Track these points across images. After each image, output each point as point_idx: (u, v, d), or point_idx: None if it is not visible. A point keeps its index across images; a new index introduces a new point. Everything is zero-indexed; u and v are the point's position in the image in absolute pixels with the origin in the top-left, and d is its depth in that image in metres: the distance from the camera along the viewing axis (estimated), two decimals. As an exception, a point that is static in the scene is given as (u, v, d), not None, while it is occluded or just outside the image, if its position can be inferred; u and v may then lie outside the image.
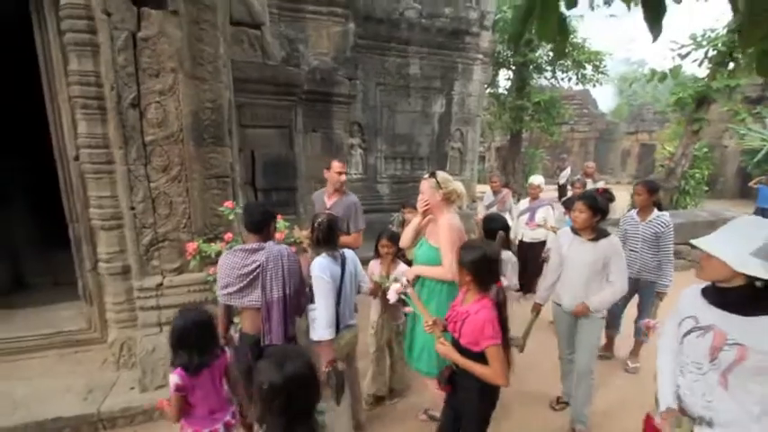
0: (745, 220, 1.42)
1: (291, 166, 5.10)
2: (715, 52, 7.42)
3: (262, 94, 4.57)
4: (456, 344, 1.85)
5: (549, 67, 11.75)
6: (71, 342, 3.13)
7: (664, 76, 7.63)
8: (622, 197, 7.23)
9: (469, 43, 7.09)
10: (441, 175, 2.34)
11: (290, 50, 4.79)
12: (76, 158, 2.79)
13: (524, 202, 4.98)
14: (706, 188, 9.78)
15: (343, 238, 2.66)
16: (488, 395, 1.85)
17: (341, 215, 3.02)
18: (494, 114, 13.18)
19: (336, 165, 3.27)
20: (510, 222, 4.57)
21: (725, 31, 7.24)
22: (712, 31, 7.53)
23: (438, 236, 2.32)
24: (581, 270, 2.51)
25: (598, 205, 2.42)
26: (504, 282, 2.69)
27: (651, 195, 3.26)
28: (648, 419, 1.99)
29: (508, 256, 2.81)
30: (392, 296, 2.23)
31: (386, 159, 7.17)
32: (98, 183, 2.69)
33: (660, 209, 3.35)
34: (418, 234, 2.49)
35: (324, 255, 2.24)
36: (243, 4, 4.15)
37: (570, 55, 10.70)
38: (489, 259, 1.76)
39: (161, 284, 2.89)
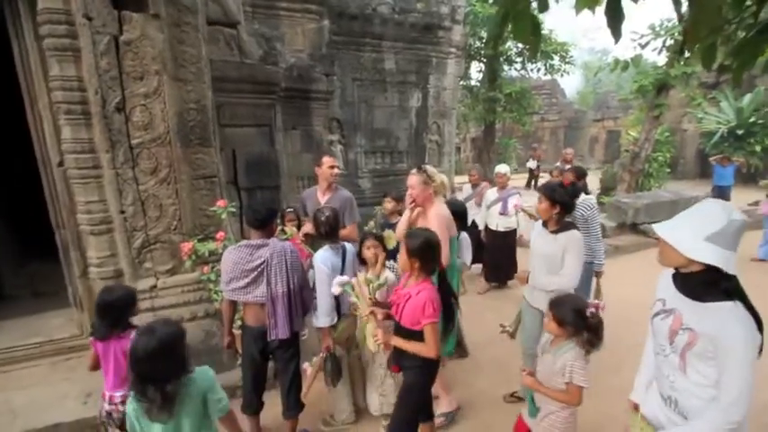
0: (707, 204, 1.37)
1: (273, 165, 5.13)
2: (672, 41, 7.84)
3: (241, 93, 4.57)
4: (397, 326, 2.01)
5: (518, 59, 12.08)
6: (63, 350, 3.12)
7: (626, 65, 7.94)
8: (592, 182, 7.59)
9: (442, 37, 7.24)
10: (429, 169, 2.46)
11: (268, 48, 4.80)
12: (60, 164, 2.77)
13: (492, 192, 4.96)
14: (668, 170, 10.36)
15: (341, 231, 2.76)
16: (429, 370, 2.05)
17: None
18: (468, 106, 13.46)
19: (327, 159, 3.32)
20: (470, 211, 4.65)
21: (680, 21, 7.67)
22: (669, 21, 7.97)
23: (429, 227, 2.43)
24: (541, 261, 2.50)
25: (555, 196, 2.40)
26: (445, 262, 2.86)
27: (578, 180, 3.40)
28: (519, 419, 2.13)
29: (463, 236, 3.00)
30: (335, 289, 2.21)
31: (366, 154, 7.26)
32: (85, 188, 2.69)
33: (586, 193, 3.52)
34: (411, 226, 2.60)
35: (326, 247, 2.34)
36: (218, 4, 4.13)
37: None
38: (432, 246, 1.96)
39: (155, 286, 2.92)
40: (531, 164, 12.75)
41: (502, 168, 4.88)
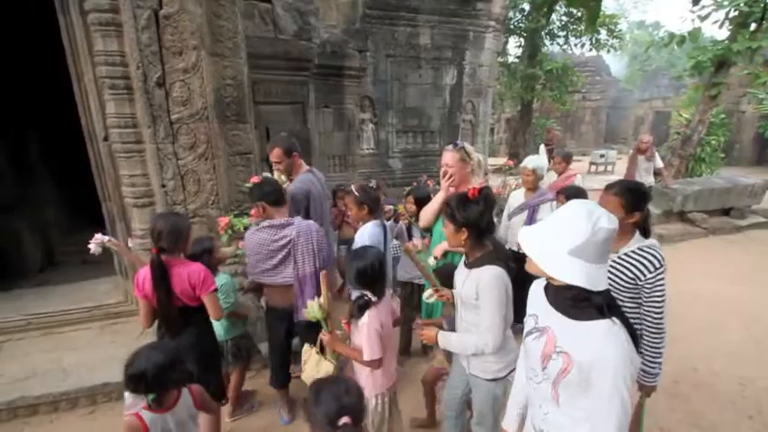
0: (572, 211, 1.12)
1: (306, 143, 5.14)
2: (737, 12, 7.13)
3: (275, 70, 4.57)
4: None
5: (561, 33, 11.40)
6: (111, 315, 3.31)
7: (682, 40, 7.37)
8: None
9: (481, 10, 6.89)
10: (467, 146, 2.32)
11: (302, 23, 4.73)
12: (105, 139, 2.86)
13: (518, 195, 3.43)
14: (722, 155, 9.61)
15: None
16: None
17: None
18: (504, 84, 12.91)
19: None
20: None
21: (748, -11, 6.94)
22: (735, -11, 7.22)
23: None
24: (457, 302, 1.84)
25: (457, 216, 1.67)
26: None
27: (630, 214, 1.79)
28: None
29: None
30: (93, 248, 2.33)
31: (397, 134, 7.13)
32: (129, 162, 2.78)
33: (644, 233, 1.86)
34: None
35: (374, 222, 2.34)
36: (253, -23, 4.09)
37: (584, 19, 10.35)
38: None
39: (193, 259, 3.02)
40: (542, 152, 9.11)
41: (530, 162, 3.31)
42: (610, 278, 1.95)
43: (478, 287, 1.64)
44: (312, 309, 1.88)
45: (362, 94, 6.54)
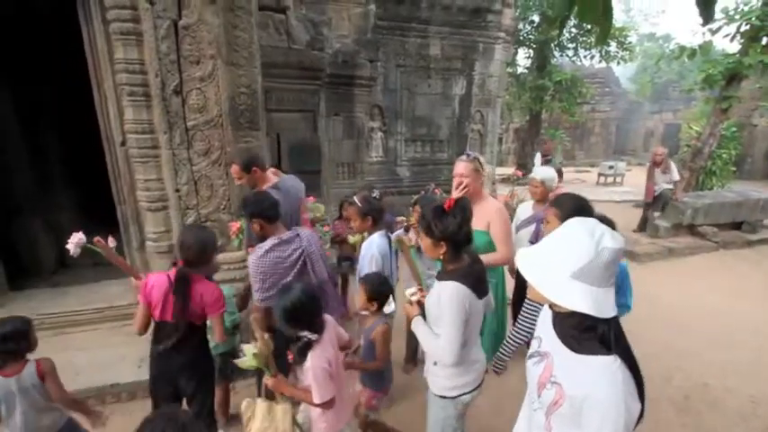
0: (571, 229, 1.04)
1: (316, 150, 5.21)
2: (748, 26, 7.13)
3: (287, 79, 4.65)
4: None
5: (571, 45, 11.46)
6: (121, 316, 3.35)
7: (693, 53, 7.38)
8: (639, 176, 7.00)
9: (491, 21, 6.97)
10: (480, 157, 2.33)
11: (315, 34, 4.82)
12: (123, 144, 2.94)
13: (526, 207, 3.24)
14: (733, 169, 9.52)
15: None
16: None
17: None
18: (513, 95, 12.96)
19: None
20: None
21: (760, 3, 6.94)
22: (746, 4, 7.22)
23: (484, 220, 2.26)
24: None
25: (434, 229, 1.58)
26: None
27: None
28: None
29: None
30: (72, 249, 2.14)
31: (406, 142, 7.20)
32: (145, 167, 2.84)
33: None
34: None
35: (381, 233, 2.33)
36: (269, -11, 4.18)
37: (594, 32, 10.39)
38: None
39: (204, 262, 3.06)
40: (537, 161, 8.09)
41: (537, 174, 3.13)
42: None
43: (440, 301, 1.59)
44: (248, 355, 1.63)
45: (372, 102, 6.62)
